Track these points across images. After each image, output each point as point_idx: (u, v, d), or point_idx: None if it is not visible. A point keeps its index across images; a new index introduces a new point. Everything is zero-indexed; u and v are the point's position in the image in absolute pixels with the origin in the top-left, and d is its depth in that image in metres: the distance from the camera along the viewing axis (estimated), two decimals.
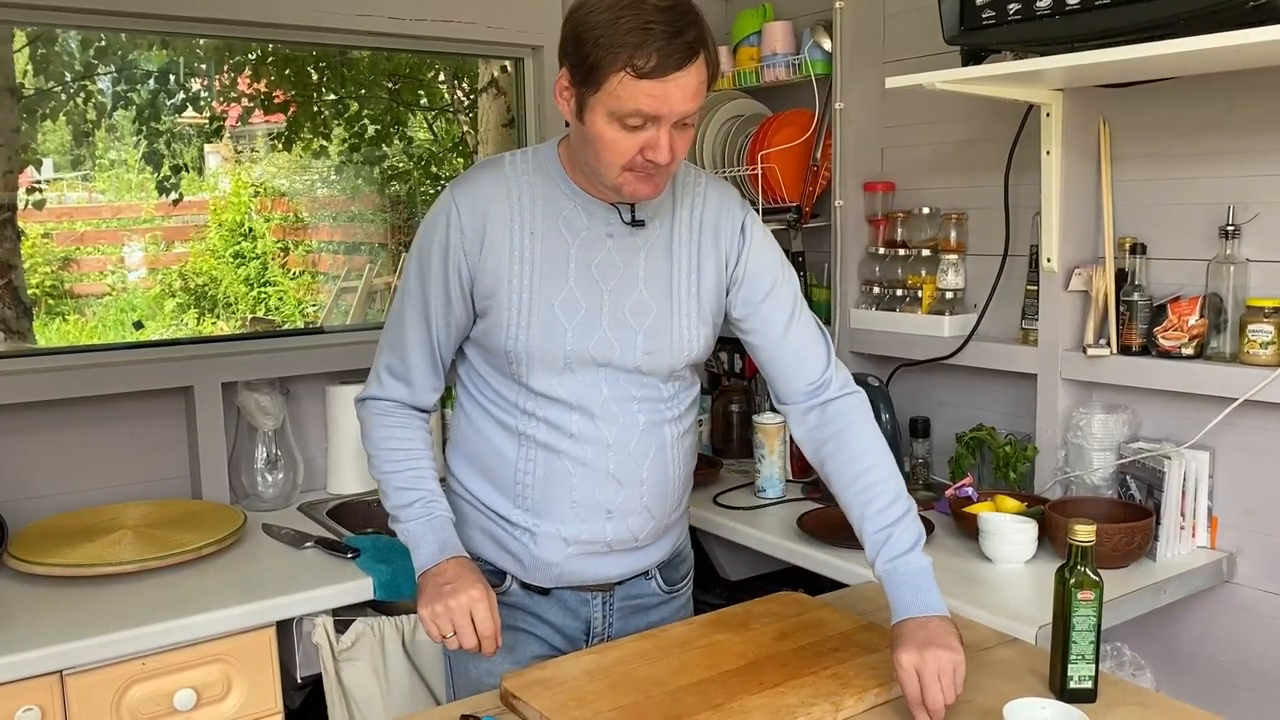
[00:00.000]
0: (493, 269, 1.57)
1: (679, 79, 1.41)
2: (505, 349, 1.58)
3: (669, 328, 1.62)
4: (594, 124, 1.46)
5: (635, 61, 1.38)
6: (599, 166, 1.50)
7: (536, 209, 1.58)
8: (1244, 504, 2.04)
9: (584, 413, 1.61)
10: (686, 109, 1.44)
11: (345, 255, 4.92)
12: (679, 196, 1.65)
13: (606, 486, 1.63)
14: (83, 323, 4.27)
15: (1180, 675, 2.11)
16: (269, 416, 2.52)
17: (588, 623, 1.73)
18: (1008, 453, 2.31)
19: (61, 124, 3.66)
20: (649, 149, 1.45)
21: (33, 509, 2.30)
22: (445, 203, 1.59)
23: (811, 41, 2.71)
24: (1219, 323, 2.02)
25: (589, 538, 1.64)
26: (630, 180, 1.49)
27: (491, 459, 1.66)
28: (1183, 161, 2.11)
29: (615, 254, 1.60)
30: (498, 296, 1.57)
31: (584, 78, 1.44)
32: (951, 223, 2.51)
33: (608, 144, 1.46)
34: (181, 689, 1.87)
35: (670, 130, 1.45)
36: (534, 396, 1.61)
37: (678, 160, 1.51)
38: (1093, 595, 1.44)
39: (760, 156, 2.72)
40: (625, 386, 1.62)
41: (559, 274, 1.57)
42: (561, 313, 1.57)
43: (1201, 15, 1.62)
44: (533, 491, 1.63)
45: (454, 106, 4.41)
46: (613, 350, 1.59)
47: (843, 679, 1.48)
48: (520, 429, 1.63)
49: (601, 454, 1.62)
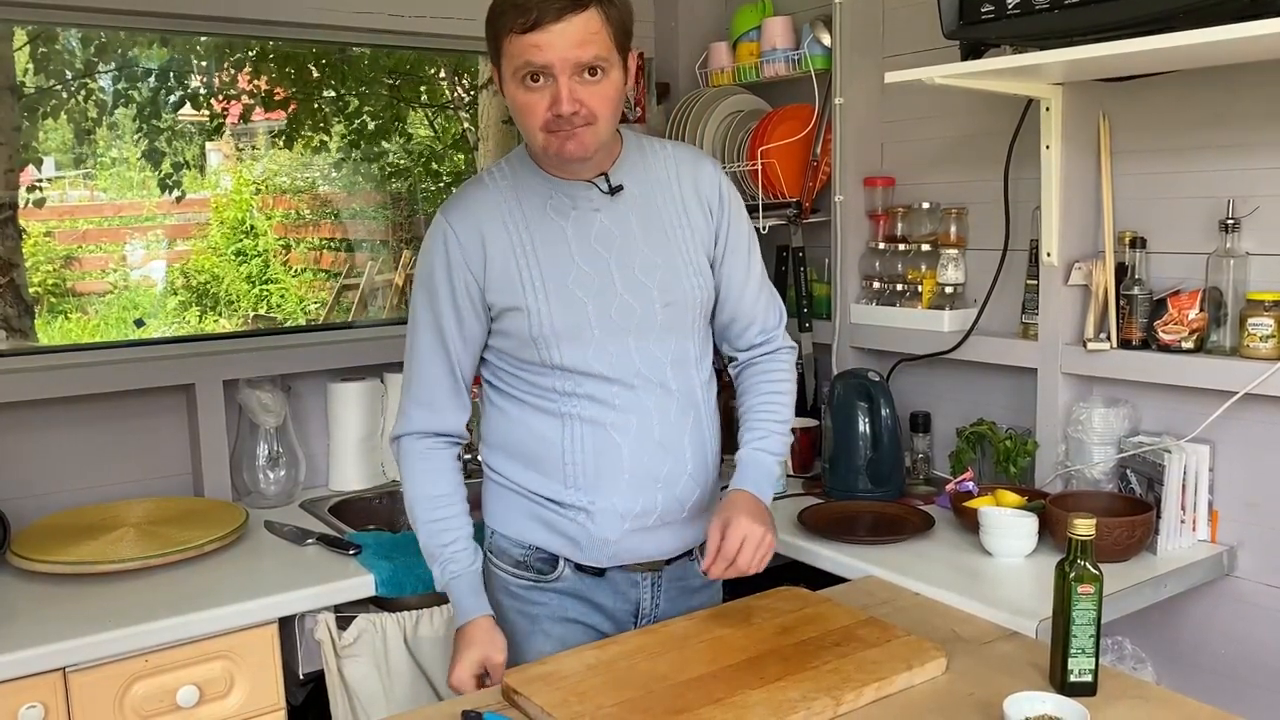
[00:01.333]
0: (500, 271, 1.65)
1: (558, 29, 1.50)
2: (533, 337, 1.64)
3: (677, 279, 1.71)
4: (508, 92, 1.59)
5: (518, 20, 1.51)
6: (526, 133, 1.62)
7: (523, 205, 1.67)
8: (1244, 497, 2.04)
9: (623, 384, 1.68)
10: (575, 56, 1.52)
11: (346, 253, 4.93)
12: (650, 159, 1.75)
13: (655, 455, 1.70)
14: (85, 321, 4.28)
15: (1181, 669, 2.11)
16: (270, 414, 2.52)
17: (637, 604, 1.77)
18: (1008, 447, 2.31)
19: (62, 122, 3.67)
20: (554, 103, 1.54)
21: (35, 507, 2.31)
22: (439, 225, 1.68)
23: (811, 37, 2.70)
24: (1219, 316, 2.02)
25: (642, 509, 1.70)
26: (552, 141, 1.58)
27: (536, 445, 1.70)
28: (1183, 155, 2.10)
29: (609, 223, 1.68)
30: (512, 293, 1.64)
31: (493, 52, 1.59)
32: (951, 217, 2.51)
33: (521, 107, 1.58)
34: (184, 686, 1.88)
35: (572, 83, 1.53)
36: (571, 376, 1.66)
37: (600, 114, 1.57)
38: (1093, 589, 1.44)
39: (760, 152, 2.72)
40: (655, 352, 1.70)
41: (563, 255, 1.66)
42: (577, 289, 1.65)
43: (1201, 9, 1.62)
44: (584, 469, 1.68)
45: (454, 103, 4.41)
46: (634, 312, 1.67)
47: (843, 674, 1.48)
48: (563, 411, 1.68)
49: (646, 422, 1.69)
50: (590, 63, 1.53)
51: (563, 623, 1.73)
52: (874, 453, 2.40)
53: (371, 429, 2.70)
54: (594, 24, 1.52)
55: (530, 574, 1.74)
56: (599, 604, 1.75)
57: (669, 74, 3.16)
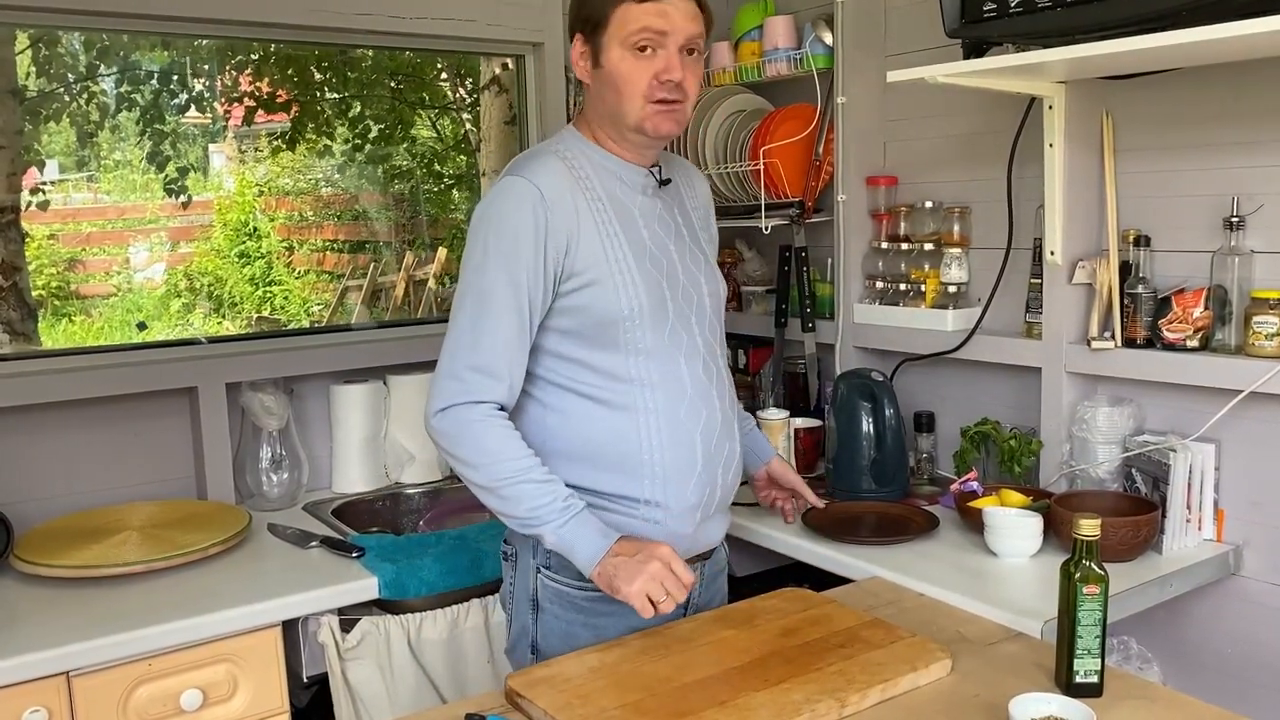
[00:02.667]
0: (589, 241, 1.63)
1: (676, 1, 1.60)
2: (621, 314, 1.63)
3: (713, 272, 1.80)
4: (610, 61, 1.63)
5: None
6: (622, 105, 1.64)
7: (595, 181, 1.68)
8: (1250, 496, 2.04)
9: (692, 365, 1.70)
10: (689, 29, 1.61)
11: (349, 254, 4.93)
12: (670, 164, 1.83)
13: (721, 441, 1.74)
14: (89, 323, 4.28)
15: (1187, 669, 2.10)
16: (274, 416, 2.52)
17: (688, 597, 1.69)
18: (1012, 446, 2.31)
19: (65, 125, 3.67)
20: (663, 71, 1.61)
21: (39, 510, 2.31)
22: (523, 188, 1.61)
23: (813, 36, 2.70)
24: (1224, 315, 2.01)
25: (708, 497, 1.72)
26: (652, 114, 1.63)
27: (607, 443, 1.65)
28: (1187, 153, 2.10)
29: (665, 211, 1.76)
30: (602, 265, 1.63)
31: (594, 27, 1.63)
32: (954, 216, 2.50)
33: (625, 76, 1.62)
34: (188, 689, 1.87)
35: (679, 54, 1.61)
36: (648, 361, 1.66)
37: (691, 94, 1.66)
38: (1098, 589, 1.44)
39: (762, 152, 2.71)
40: (709, 339, 1.76)
41: (636, 233, 1.69)
42: (652, 267, 1.68)
43: (1205, 6, 1.61)
44: (662, 462, 1.66)
45: (456, 104, 4.41)
46: (693, 299, 1.73)
47: (848, 675, 1.48)
48: (636, 404, 1.65)
49: (712, 406, 1.72)
50: (697, 38, 1.63)
51: (627, 631, 1.64)
52: (878, 453, 2.39)
53: (374, 431, 2.70)
54: (696, 6, 1.64)
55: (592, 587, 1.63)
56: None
57: None
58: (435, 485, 2.73)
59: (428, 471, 2.73)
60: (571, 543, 1.58)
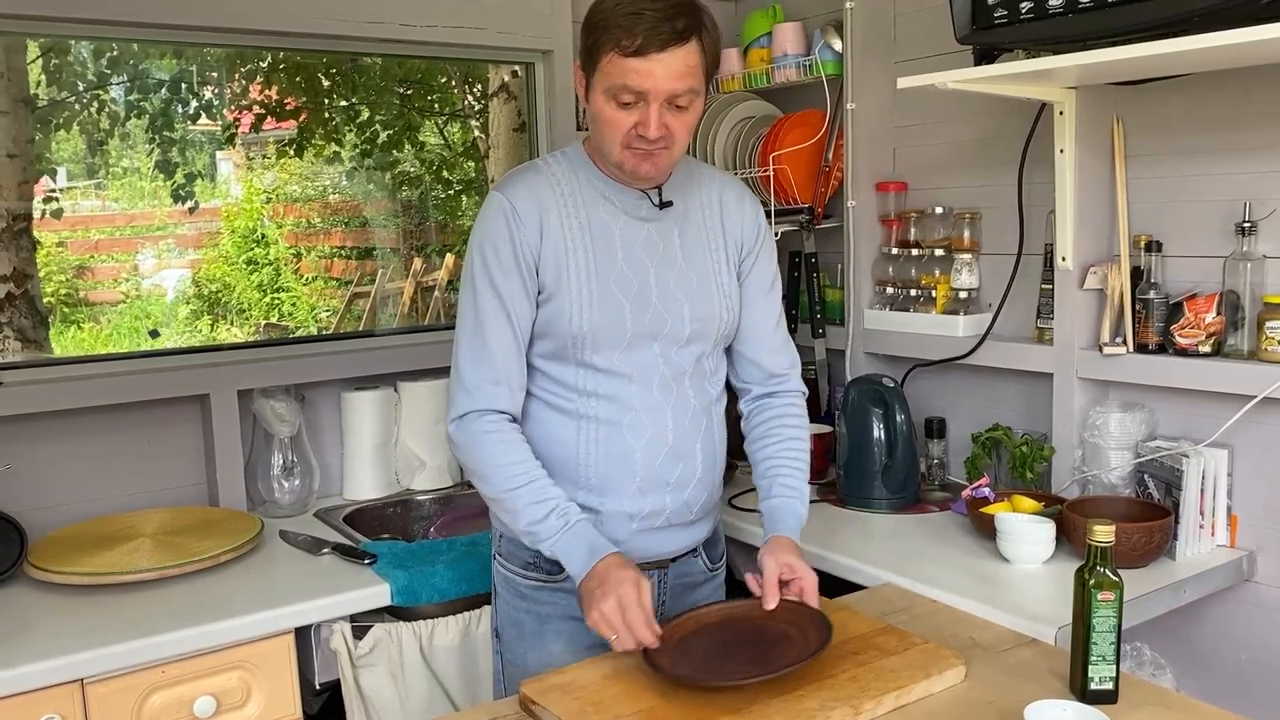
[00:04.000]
0: (553, 257, 1.66)
1: (663, 59, 1.54)
2: (571, 332, 1.66)
3: (708, 299, 1.75)
4: (595, 103, 1.61)
5: (623, 41, 1.53)
6: (603, 145, 1.64)
7: (579, 199, 1.70)
8: (1264, 501, 2.03)
9: (644, 386, 1.70)
10: (671, 88, 1.56)
11: (358, 260, 4.93)
12: (697, 181, 1.79)
13: (667, 459, 1.72)
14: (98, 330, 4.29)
15: (1201, 675, 2.09)
16: (285, 423, 2.52)
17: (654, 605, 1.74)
18: (1024, 452, 2.30)
19: (75, 133, 3.68)
20: (640, 126, 1.58)
21: (51, 518, 2.31)
22: (500, 203, 1.68)
23: (822, 42, 2.70)
24: (1236, 320, 2.01)
25: (651, 510, 1.73)
26: (630, 158, 1.62)
27: (550, 447, 1.70)
28: (1198, 158, 2.09)
29: (654, 234, 1.72)
30: (560, 282, 1.66)
31: (586, 59, 1.61)
32: (965, 222, 2.50)
33: (605, 121, 1.60)
34: (201, 696, 1.88)
35: (661, 109, 1.57)
36: (596, 374, 1.68)
37: (678, 140, 1.62)
38: (1113, 596, 1.44)
39: (772, 158, 2.72)
40: (679, 362, 1.73)
41: (610, 255, 1.68)
42: (618, 290, 1.67)
43: (1215, 12, 1.61)
44: (596, 469, 1.70)
45: (465, 111, 4.41)
46: (665, 322, 1.70)
47: (861, 682, 1.47)
48: (580, 411, 1.69)
49: (662, 427, 1.72)
50: (683, 94, 1.57)
51: (571, 621, 1.73)
52: (889, 459, 2.39)
53: (386, 437, 2.70)
54: (693, 57, 1.56)
55: (539, 574, 1.76)
56: None
57: None
58: (446, 491, 2.73)
59: (439, 478, 2.73)
60: (564, 554, 1.62)
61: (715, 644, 1.55)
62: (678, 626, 1.58)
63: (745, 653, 1.51)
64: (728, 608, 1.65)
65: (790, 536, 1.74)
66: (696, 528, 1.82)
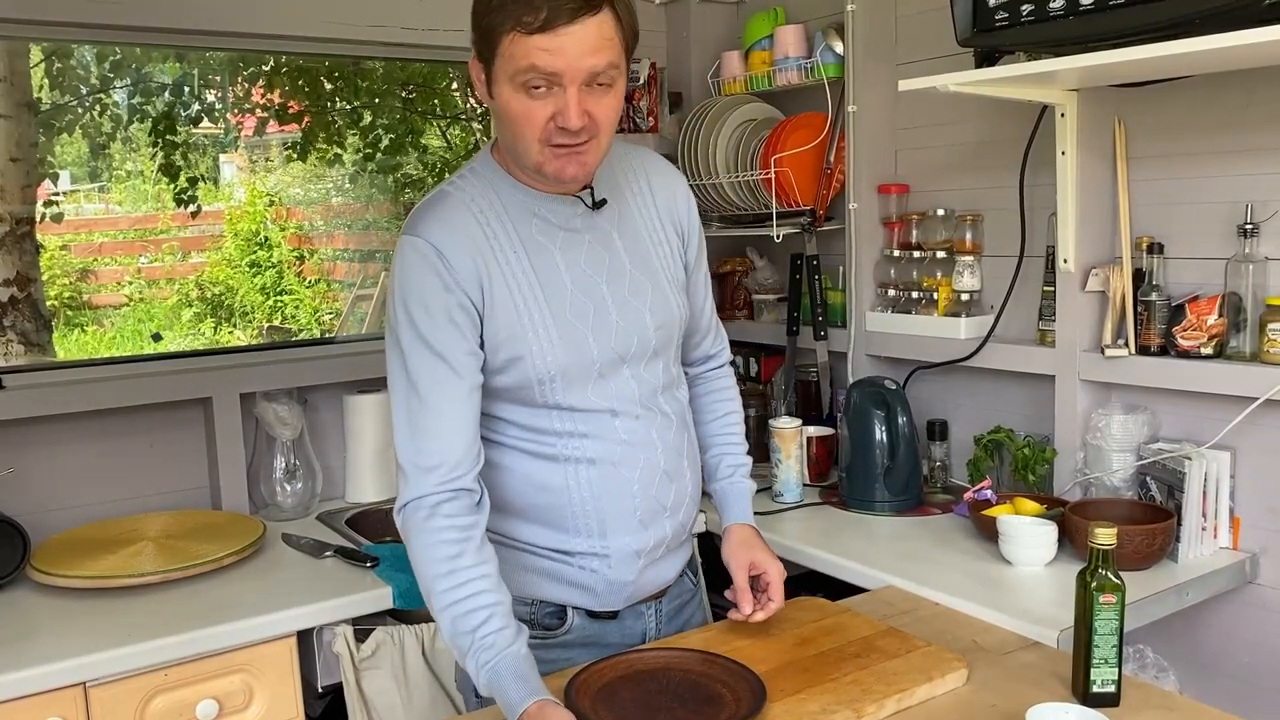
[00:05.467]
0: (501, 302, 1.48)
1: (573, 31, 1.34)
2: (537, 377, 1.50)
3: (664, 299, 1.60)
4: (500, 97, 1.41)
5: (524, 18, 1.34)
6: (518, 146, 1.44)
7: (506, 224, 1.51)
8: (1266, 503, 2.03)
9: (627, 415, 1.56)
10: (589, 64, 1.37)
11: (360, 263, 4.94)
12: (617, 166, 1.60)
13: (663, 484, 1.60)
14: (101, 333, 4.30)
15: (1204, 677, 2.09)
16: (287, 426, 2.53)
17: (643, 635, 1.67)
18: (1026, 455, 2.30)
19: (78, 137, 3.69)
20: (559, 115, 1.38)
21: (54, 521, 2.32)
22: (417, 248, 1.46)
23: (824, 44, 2.70)
24: (1238, 322, 2.01)
25: (655, 542, 1.61)
26: (550, 158, 1.43)
27: (536, 496, 1.56)
28: (1200, 160, 2.09)
29: (595, 243, 1.55)
30: (515, 329, 1.49)
31: (483, 49, 1.41)
32: (967, 224, 2.50)
33: (517, 116, 1.40)
34: (204, 699, 1.88)
35: (580, 93, 1.38)
36: (574, 415, 1.53)
37: (603, 129, 1.43)
38: (1115, 598, 1.43)
39: (773, 160, 2.72)
40: (649, 379, 1.59)
41: (557, 282, 1.52)
42: (576, 321, 1.52)
43: (1216, 14, 1.61)
44: (595, 511, 1.56)
45: (467, 114, 4.42)
46: (630, 339, 1.56)
47: (864, 685, 1.47)
48: (564, 454, 1.54)
49: (651, 453, 1.58)
50: (603, 71, 1.38)
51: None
52: (891, 461, 2.39)
53: (388, 441, 2.70)
54: (607, 28, 1.38)
55: (536, 631, 1.58)
56: (607, 645, 1.63)
57: (681, 83, 3.16)
58: None
59: None
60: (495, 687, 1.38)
61: (644, 695, 1.44)
62: (611, 667, 1.49)
63: (672, 711, 1.39)
64: (667, 656, 1.53)
65: (746, 522, 1.71)
66: (685, 546, 1.73)
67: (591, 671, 1.48)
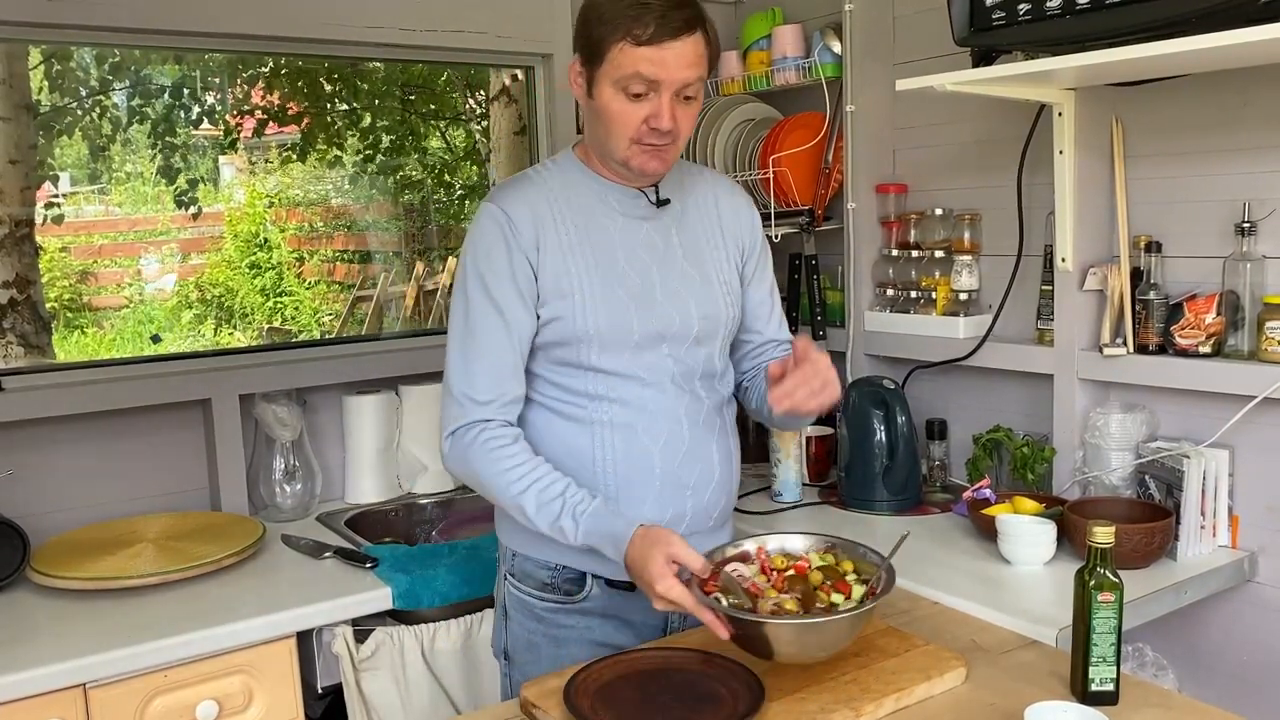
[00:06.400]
0: (552, 264, 1.64)
1: (675, 47, 1.54)
2: (577, 336, 1.64)
3: (711, 294, 1.74)
4: (601, 97, 1.60)
5: (634, 31, 1.53)
6: (609, 141, 1.63)
7: (573, 202, 1.68)
8: (1265, 502, 2.03)
9: (656, 388, 1.68)
10: (684, 76, 1.56)
11: (360, 264, 4.94)
12: (689, 181, 1.78)
13: (685, 461, 1.70)
14: (101, 335, 4.30)
15: (1203, 676, 2.09)
16: (286, 428, 2.53)
17: (665, 617, 1.73)
18: (1025, 454, 2.30)
19: (77, 139, 3.69)
20: (652, 118, 1.57)
21: (54, 523, 2.32)
22: (491, 213, 1.66)
23: (821, 44, 2.70)
24: (1236, 320, 2.01)
25: (673, 516, 1.68)
26: (638, 154, 1.62)
27: (564, 456, 1.66)
28: (1197, 159, 2.10)
29: (653, 233, 1.71)
30: (562, 287, 1.64)
31: (591, 55, 1.59)
32: (965, 223, 2.50)
33: (614, 115, 1.59)
34: (204, 700, 1.88)
35: (671, 101, 1.57)
36: (607, 378, 1.66)
37: (683, 134, 1.63)
38: (1113, 597, 1.44)
39: (772, 160, 2.72)
40: (688, 361, 1.71)
41: (610, 257, 1.67)
42: (622, 291, 1.65)
43: (1213, 13, 1.61)
44: (615, 475, 1.66)
45: (467, 115, 4.42)
46: (672, 321, 1.68)
47: (862, 684, 1.47)
48: (593, 417, 1.66)
49: (676, 428, 1.69)
50: (693, 83, 1.58)
51: (591, 646, 1.70)
52: (890, 461, 2.39)
53: (387, 441, 2.70)
54: (700, 46, 1.57)
55: (556, 595, 1.72)
56: (628, 620, 1.73)
57: None
58: (448, 495, 2.74)
59: (440, 481, 2.73)
60: (599, 548, 1.56)
61: (644, 694, 1.45)
62: (610, 666, 1.51)
63: (672, 710, 1.41)
64: (666, 655, 1.55)
65: None
66: (716, 536, 1.75)
67: (591, 671, 1.49)
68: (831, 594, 1.52)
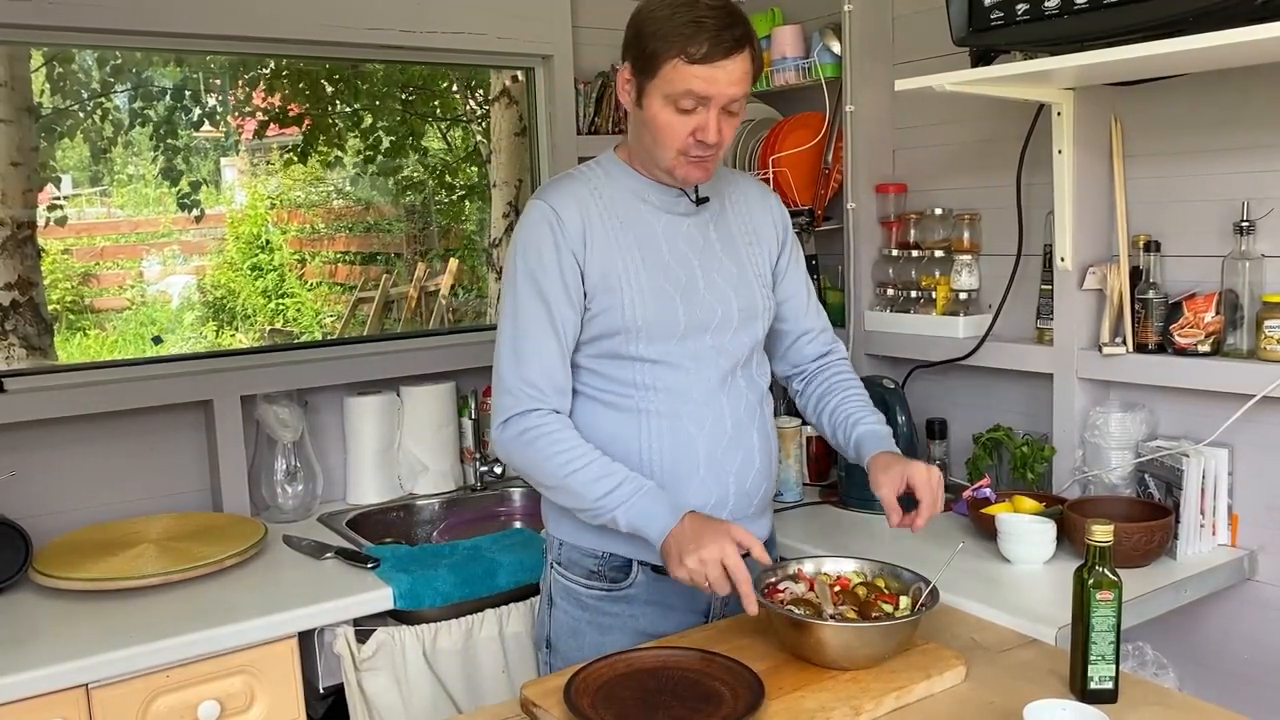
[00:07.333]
0: (600, 258, 1.68)
1: (726, 65, 1.59)
2: (625, 326, 1.68)
3: (750, 289, 1.80)
4: (651, 108, 1.65)
5: (689, 49, 1.58)
6: (655, 150, 1.68)
7: (617, 200, 1.73)
8: (1265, 500, 2.03)
9: (700, 377, 1.73)
10: (733, 93, 1.62)
11: (361, 266, 4.95)
12: (723, 181, 1.84)
13: (728, 446, 1.74)
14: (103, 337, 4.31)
15: (1203, 674, 2.09)
16: (288, 429, 2.53)
17: (708, 603, 1.79)
18: (1025, 453, 2.31)
19: (79, 141, 3.70)
20: (699, 131, 1.63)
21: (56, 524, 2.33)
22: (542, 210, 1.70)
23: (821, 45, 2.71)
24: (1235, 319, 2.01)
25: (717, 501, 1.73)
26: (683, 163, 1.67)
27: (610, 445, 1.69)
28: (1196, 158, 2.10)
29: (694, 229, 1.77)
30: (609, 280, 1.68)
31: (643, 67, 1.63)
32: (964, 223, 2.51)
33: (662, 127, 1.64)
34: (206, 700, 1.89)
35: (718, 115, 1.63)
36: (654, 367, 1.70)
37: (725, 146, 1.69)
38: (1112, 595, 1.44)
39: (772, 160, 2.73)
40: (731, 350, 1.76)
41: (655, 251, 1.72)
42: (667, 283, 1.71)
43: (1211, 12, 1.62)
44: (661, 462, 1.70)
45: (467, 116, 4.43)
46: (715, 313, 1.74)
47: (861, 683, 1.48)
48: (639, 406, 1.71)
49: (719, 414, 1.74)
50: (738, 100, 1.64)
51: (634, 634, 1.74)
52: None
53: (388, 442, 2.71)
54: (747, 65, 1.63)
55: (603, 584, 1.76)
56: (672, 606, 1.76)
57: None
58: (449, 496, 2.74)
59: (441, 482, 2.74)
60: (643, 519, 1.60)
61: (644, 693, 1.45)
62: (610, 666, 1.52)
63: (672, 709, 1.41)
64: (666, 654, 1.55)
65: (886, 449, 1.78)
66: (756, 524, 1.80)
67: (591, 671, 1.49)
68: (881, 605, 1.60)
